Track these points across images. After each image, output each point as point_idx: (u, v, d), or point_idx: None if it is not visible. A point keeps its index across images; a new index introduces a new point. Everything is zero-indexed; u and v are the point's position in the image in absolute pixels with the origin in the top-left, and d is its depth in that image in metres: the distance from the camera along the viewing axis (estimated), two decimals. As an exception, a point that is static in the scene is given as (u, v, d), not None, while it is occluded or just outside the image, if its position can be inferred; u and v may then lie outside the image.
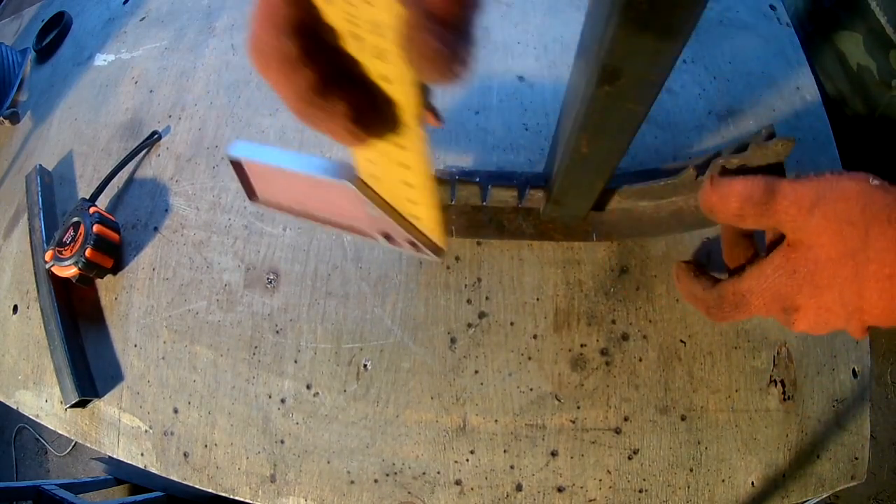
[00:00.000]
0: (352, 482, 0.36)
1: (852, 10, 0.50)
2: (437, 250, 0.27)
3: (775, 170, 0.28)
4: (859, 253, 0.23)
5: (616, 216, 0.35)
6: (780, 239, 0.27)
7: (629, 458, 0.35)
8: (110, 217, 0.44)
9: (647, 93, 0.21)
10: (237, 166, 0.27)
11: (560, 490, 0.34)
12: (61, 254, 0.41)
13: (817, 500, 0.36)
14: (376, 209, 0.24)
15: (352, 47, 0.18)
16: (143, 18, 0.56)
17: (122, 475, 0.89)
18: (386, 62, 0.17)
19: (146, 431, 0.40)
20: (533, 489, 0.35)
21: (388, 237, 0.27)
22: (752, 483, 0.35)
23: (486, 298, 0.37)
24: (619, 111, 0.22)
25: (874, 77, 0.49)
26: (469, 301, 0.37)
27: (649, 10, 0.17)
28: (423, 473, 0.35)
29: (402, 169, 0.21)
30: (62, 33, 0.60)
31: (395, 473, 0.36)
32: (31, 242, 0.46)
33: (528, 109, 0.42)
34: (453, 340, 0.37)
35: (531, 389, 0.36)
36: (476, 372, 0.36)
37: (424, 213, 0.24)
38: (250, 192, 0.30)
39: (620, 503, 0.34)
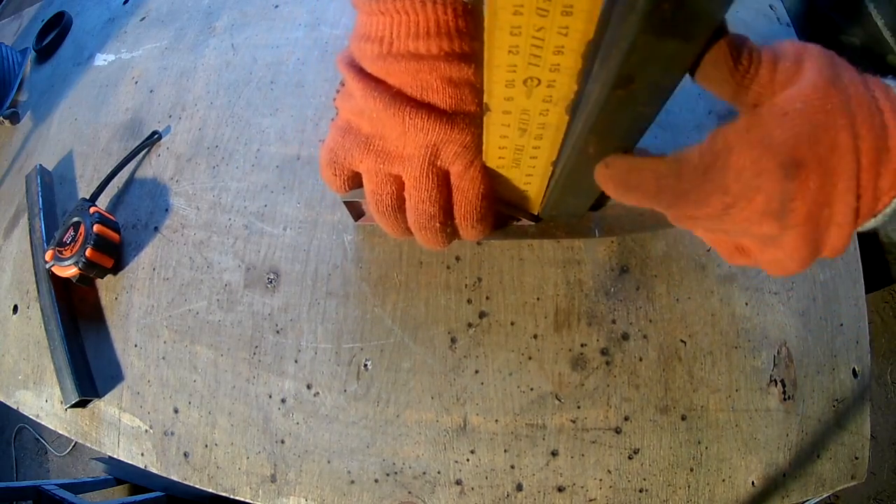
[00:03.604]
0: (352, 482, 0.36)
1: (849, 14, 0.50)
2: (534, 218, 0.34)
3: None
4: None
5: (617, 211, 0.35)
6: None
7: (629, 458, 0.35)
8: (110, 217, 0.44)
9: (659, 96, 0.21)
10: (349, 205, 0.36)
11: (560, 490, 0.34)
12: (61, 254, 0.41)
13: (817, 499, 0.36)
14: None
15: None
16: (144, 18, 0.56)
17: (122, 475, 0.89)
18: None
19: (146, 431, 0.40)
20: (533, 489, 0.35)
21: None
22: (753, 483, 0.35)
23: (487, 298, 0.37)
24: (629, 113, 0.22)
25: None
26: (469, 301, 0.37)
27: (673, 16, 0.17)
28: (424, 473, 0.35)
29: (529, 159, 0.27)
30: (62, 33, 0.60)
31: (396, 473, 0.36)
32: (31, 242, 0.46)
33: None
34: (454, 340, 0.37)
35: (531, 389, 0.36)
36: (476, 372, 0.36)
37: (534, 189, 0.30)
38: (357, 216, 0.38)
39: (621, 503, 0.34)
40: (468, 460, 0.35)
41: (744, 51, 0.21)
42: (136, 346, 0.41)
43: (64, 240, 0.42)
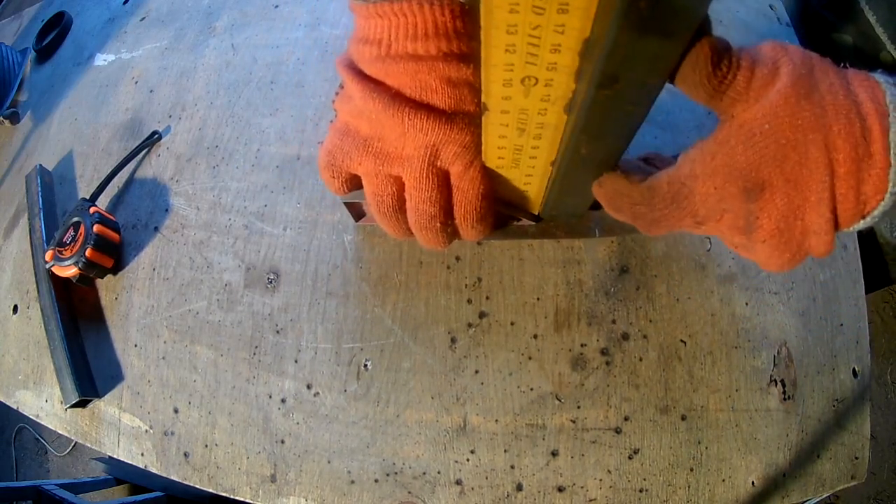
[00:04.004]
0: (352, 482, 0.36)
1: (842, 11, 0.50)
2: (534, 218, 0.34)
3: None
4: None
5: None
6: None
7: (629, 458, 0.35)
8: (110, 217, 0.44)
9: (646, 95, 0.21)
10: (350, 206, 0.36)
11: (560, 490, 0.34)
12: (61, 254, 0.41)
13: (817, 499, 0.36)
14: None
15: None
16: (144, 18, 0.56)
17: (122, 475, 0.89)
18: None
19: (146, 431, 0.40)
20: (533, 489, 0.35)
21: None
22: (753, 483, 0.35)
23: (487, 298, 0.37)
24: (618, 113, 0.22)
25: None
26: (469, 301, 0.37)
27: (650, 14, 0.17)
28: (424, 473, 0.35)
29: (529, 159, 0.27)
30: (62, 33, 0.60)
31: (396, 473, 0.36)
32: (31, 242, 0.46)
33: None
34: (454, 340, 0.37)
35: (531, 389, 0.36)
36: (476, 372, 0.36)
37: (534, 189, 0.30)
38: (357, 217, 0.38)
39: (621, 503, 0.34)
40: (468, 460, 0.35)
41: (724, 57, 0.21)
42: (136, 346, 0.41)
43: (64, 240, 0.42)
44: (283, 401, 0.38)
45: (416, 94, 0.26)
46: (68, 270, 0.41)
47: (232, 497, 0.37)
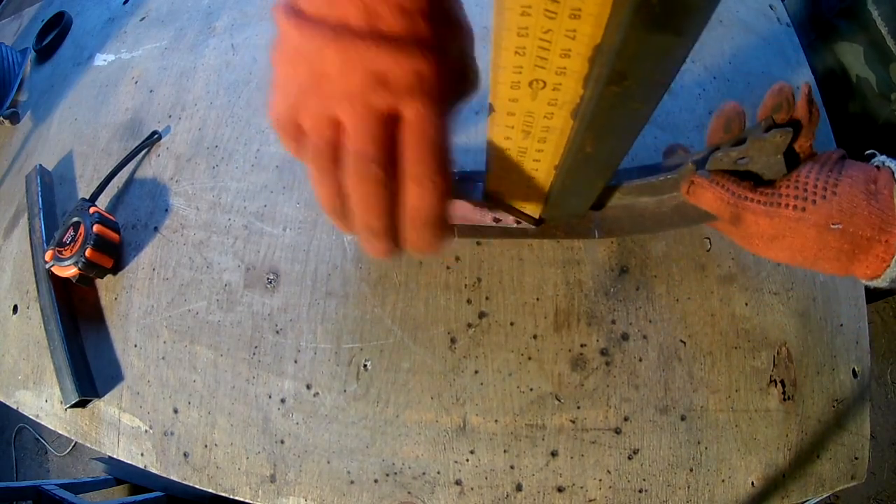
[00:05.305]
0: (352, 482, 0.36)
1: (853, 21, 0.50)
2: (535, 221, 0.35)
3: (775, 164, 0.28)
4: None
5: (618, 212, 0.35)
6: None
7: (629, 458, 0.35)
8: (110, 217, 0.44)
9: (653, 93, 0.21)
10: None
11: (560, 490, 0.34)
12: (61, 254, 0.41)
13: (817, 500, 0.36)
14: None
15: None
16: (143, 18, 0.56)
17: (122, 475, 0.89)
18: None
19: (146, 431, 0.40)
20: (533, 489, 0.35)
21: (496, 219, 0.36)
22: (752, 483, 0.35)
23: (487, 298, 0.37)
24: (624, 111, 0.22)
25: (873, 90, 0.49)
26: (469, 301, 0.37)
27: (662, 10, 0.17)
28: (423, 473, 0.35)
29: (532, 161, 0.27)
30: (62, 33, 0.60)
31: (395, 473, 0.36)
32: (31, 242, 0.46)
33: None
34: (453, 340, 0.37)
35: (531, 389, 0.36)
36: (476, 372, 0.36)
37: (535, 192, 0.30)
38: None
39: (620, 503, 0.34)
40: (468, 460, 0.35)
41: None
42: (135, 346, 0.41)
43: (64, 240, 0.42)
44: (282, 401, 0.38)
45: (362, 24, 0.22)
46: (68, 270, 0.41)
47: (232, 497, 0.37)
